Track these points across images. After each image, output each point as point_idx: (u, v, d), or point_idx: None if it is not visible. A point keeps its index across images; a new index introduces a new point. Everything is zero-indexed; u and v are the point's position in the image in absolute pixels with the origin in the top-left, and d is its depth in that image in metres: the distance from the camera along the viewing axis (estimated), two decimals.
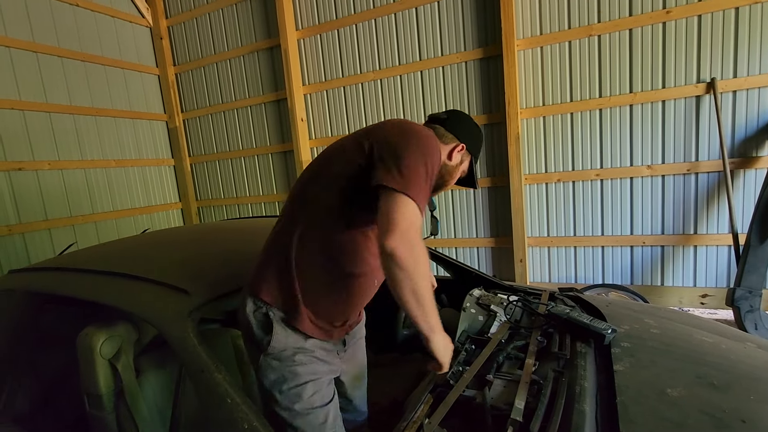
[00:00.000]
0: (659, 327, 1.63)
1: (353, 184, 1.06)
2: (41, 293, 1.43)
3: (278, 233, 1.16)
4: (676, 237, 3.62)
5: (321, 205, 1.10)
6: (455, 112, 1.34)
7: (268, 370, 1.10)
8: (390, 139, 1.05)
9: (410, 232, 0.93)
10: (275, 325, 1.09)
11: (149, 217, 5.43)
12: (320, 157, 1.20)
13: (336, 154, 1.14)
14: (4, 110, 4.05)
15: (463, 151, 1.31)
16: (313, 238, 1.09)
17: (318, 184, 1.12)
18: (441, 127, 1.28)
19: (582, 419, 1.09)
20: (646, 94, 3.53)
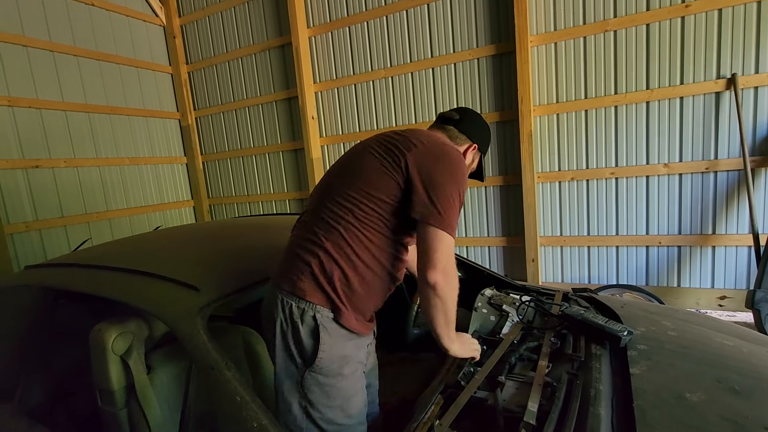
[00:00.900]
0: (677, 329, 1.59)
1: (393, 201, 1.12)
2: (56, 289, 1.45)
3: (317, 233, 1.12)
4: (693, 237, 3.54)
5: (364, 212, 1.11)
6: (467, 112, 1.37)
7: (313, 386, 1.08)
8: (428, 167, 1.10)
9: (448, 266, 1.08)
10: (322, 331, 1.07)
11: (162, 215, 5.50)
12: (353, 161, 1.19)
13: (371, 164, 1.14)
14: (21, 109, 4.13)
15: (475, 150, 1.36)
16: (358, 239, 1.11)
17: (358, 191, 1.12)
18: (454, 128, 1.33)
19: (597, 423, 1.06)
20: (664, 91, 3.45)
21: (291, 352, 1.09)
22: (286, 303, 1.08)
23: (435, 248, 1.07)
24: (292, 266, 1.12)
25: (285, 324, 1.08)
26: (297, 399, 1.09)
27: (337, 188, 1.16)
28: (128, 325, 1.33)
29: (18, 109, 4.10)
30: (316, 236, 1.11)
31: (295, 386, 1.09)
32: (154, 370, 1.38)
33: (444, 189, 1.09)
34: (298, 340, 1.08)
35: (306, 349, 1.08)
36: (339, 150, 4.96)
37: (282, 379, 1.10)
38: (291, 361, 1.09)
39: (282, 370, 1.10)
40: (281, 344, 1.09)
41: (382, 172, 1.12)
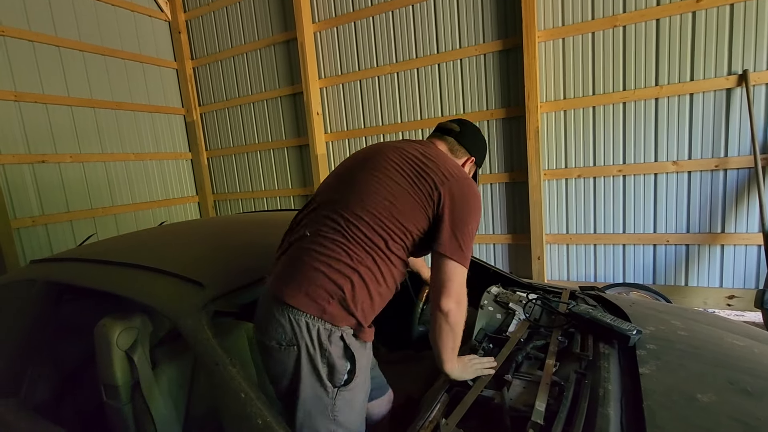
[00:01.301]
0: (687, 329, 1.56)
1: (420, 233, 1.16)
2: (61, 283, 1.44)
3: (350, 256, 1.07)
4: (702, 236, 3.49)
5: (395, 242, 1.12)
6: (466, 125, 1.40)
7: (342, 405, 1.08)
8: (459, 207, 1.14)
9: (461, 295, 1.16)
10: (354, 350, 1.09)
11: (167, 210, 5.51)
12: (382, 178, 1.14)
13: (405, 190, 1.13)
14: (28, 104, 4.14)
15: (472, 162, 1.40)
16: (386, 266, 1.13)
17: (393, 222, 1.11)
18: (454, 140, 1.35)
19: (606, 423, 1.04)
20: (673, 87, 3.40)
21: (320, 375, 1.05)
22: (312, 326, 1.03)
23: (452, 279, 1.13)
24: (319, 288, 1.05)
25: (312, 348, 1.04)
26: (326, 423, 1.06)
27: (366, 206, 1.11)
28: (133, 321, 1.33)
29: (24, 104, 4.12)
30: (350, 260, 1.07)
31: (324, 410, 1.06)
32: (158, 366, 1.37)
33: (467, 226, 1.15)
34: (330, 363, 1.05)
35: (339, 370, 1.06)
36: (344, 146, 4.94)
37: (308, 404, 1.05)
38: (320, 384, 1.05)
39: (309, 395, 1.04)
40: (309, 368, 1.04)
41: (415, 204, 1.13)
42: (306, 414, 1.05)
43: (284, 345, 1.03)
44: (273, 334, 1.05)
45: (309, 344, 1.03)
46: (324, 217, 1.13)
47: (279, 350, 1.04)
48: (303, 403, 1.04)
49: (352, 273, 1.06)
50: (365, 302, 1.09)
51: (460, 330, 1.20)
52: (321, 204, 1.18)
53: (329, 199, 1.17)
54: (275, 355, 1.05)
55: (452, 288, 1.13)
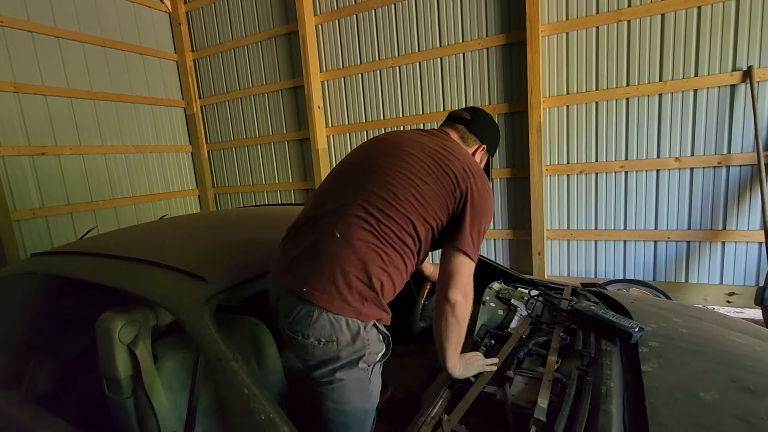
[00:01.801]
0: (689, 326, 1.56)
1: (439, 230, 1.19)
2: (62, 277, 1.44)
3: (386, 253, 1.10)
4: (703, 232, 3.49)
5: (420, 242, 1.16)
6: (478, 113, 1.38)
7: (374, 378, 1.17)
8: (479, 205, 1.16)
9: (468, 288, 1.18)
10: (383, 335, 1.17)
11: (167, 204, 5.50)
12: (410, 173, 1.14)
13: (432, 188, 1.14)
14: (27, 95, 4.11)
15: (484, 151, 1.38)
16: (411, 263, 1.19)
17: (422, 223, 1.14)
18: (464, 128, 1.34)
19: (609, 421, 1.04)
20: (677, 83, 3.38)
21: (359, 360, 1.11)
22: (351, 323, 1.09)
23: (462, 272, 1.16)
24: (355, 292, 1.08)
25: (352, 341, 1.09)
26: (362, 402, 1.15)
27: (398, 207, 1.11)
28: (135, 314, 1.33)
29: (24, 95, 4.09)
30: (383, 262, 1.10)
31: (363, 390, 1.14)
32: (160, 360, 1.37)
33: (482, 223, 1.19)
34: (369, 349, 1.12)
35: (375, 352, 1.14)
36: (345, 140, 4.92)
37: (348, 387, 1.11)
38: (359, 368, 1.11)
39: (350, 379, 1.10)
40: (349, 358, 1.09)
41: (440, 201, 1.15)
42: (343, 397, 1.11)
43: (323, 341, 1.08)
44: (311, 333, 1.08)
45: (348, 338, 1.09)
46: (354, 217, 1.10)
47: (317, 346, 1.08)
48: (342, 387, 1.10)
49: (383, 274, 1.11)
50: (391, 295, 1.18)
51: (464, 324, 1.22)
52: (347, 202, 1.13)
53: (356, 195, 1.13)
54: (312, 350, 1.09)
55: (461, 281, 1.16)
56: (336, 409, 1.12)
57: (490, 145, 1.38)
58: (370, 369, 1.14)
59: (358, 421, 1.15)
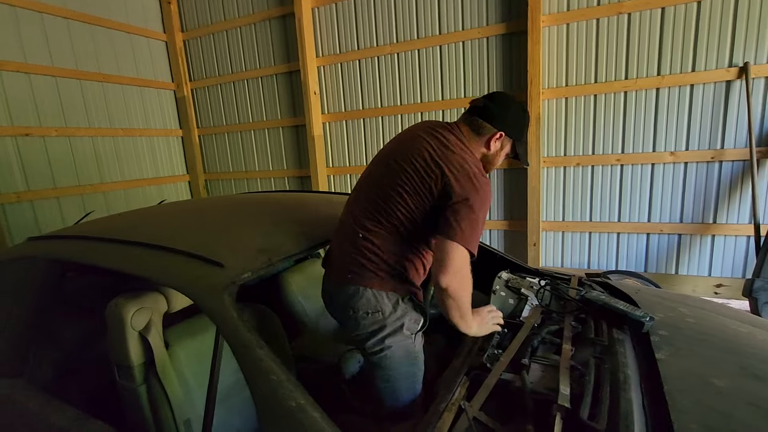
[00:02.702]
0: (694, 316, 1.60)
1: (426, 215, 1.29)
2: (68, 261, 1.39)
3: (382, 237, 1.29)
4: (694, 226, 3.57)
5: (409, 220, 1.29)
6: (494, 98, 1.36)
7: (417, 344, 1.35)
8: (464, 198, 1.21)
9: (461, 272, 1.23)
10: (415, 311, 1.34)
11: (157, 189, 5.37)
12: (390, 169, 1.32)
13: (409, 174, 1.28)
14: (9, 72, 3.93)
15: (501, 138, 1.35)
16: (408, 242, 1.32)
17: (402, 204, 1.28)
18: (479, 118, 1.34)
19: (630, 407, 1.06)
20: (675, 78, 3.42)
21: (402, 327, 1.30)
22: (390, 296, 1.30)
23: (450, 258, 1.22)
24: (390, 274, 1.30)
25: (393, 310, 1.30)
26: (409, 366, 1.32)
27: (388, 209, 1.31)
28: (146, 300, 1.29)
29: (6, 73, 3.90)
30: (400, 248, 1.32)
31: (409, 355, 1.32)
32: (171, 347, 1.35)
33: (467, 213, 1.24)
34: (411, 318, 1.32)
35: (416, 322, 1.33)
36: (341, 127, 4.86)
37: (396, 353, 1.29)
38: (403, 335, 1.30)
39: (397, 345, 1.29)
40: (393, 325, 1.29)
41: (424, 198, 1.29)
42: (393, 362, 1.29)
43: (371, 312, 1.28)
44: (359, 307, 1.29)
45: (390, 308, 1.29)
46: (368, 220, 1.32)
47: (367, 317, 1.29)
48: (392, 354, 1.28)
49: (404, 259, 1.32)
50: (416, 275, 1.37)
51: (465, 299, 1.28)
52: (361, 211, 1.35)
53: (364, 205, 1.34)
54: (363, 322, 1.29)
55: (450, 266, 1.20)
56: (388, 375, 1.30)
57: (509, 131, 1.35)
58: (414, 337, 1.33)
59: (408, 384, 1.32)
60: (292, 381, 0.94)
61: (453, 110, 4.25)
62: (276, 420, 0.89)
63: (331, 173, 5.00)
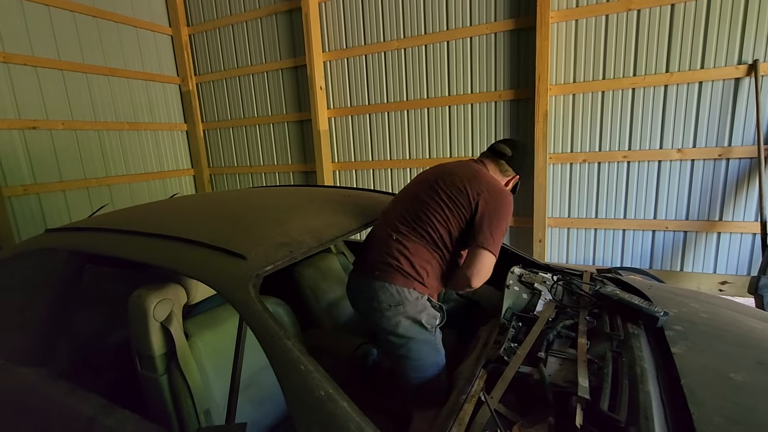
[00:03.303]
0: (707, 312, 1.61)
1: (461, 229, 1.49)
2: (89, 253, 1.40)
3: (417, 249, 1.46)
4: (700, 223, 3.58)
5: (438, 235, 1.48)
6: (517, 149, 1.65)
7: (438, 337, 1.48)
8: (495, 209, 1.45)
9: (485, 273, 1.41)
10: (433, 308, 1.48)
11: (162, 183, 5.37)
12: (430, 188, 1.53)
13: (448, 189, 1.50)
14: (17, 66, 3.93)
15: (517, 179, 1.67)
16: (440, 255, 1.50)
17: (439, 214, 1.48)
18: (505, 163, 1.63)
19: (648, 399, 1.08)
20: (683, 75, 3.41)
21: (421, 321, 1.42)
22: (410, 292, 1.43)
23: (482, 262, 1.42)
24: (409, 274, 1.44)
25: (413, 305, 1.42)
26: (433, 353, 1.44)
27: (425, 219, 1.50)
28: (168, 292, 1.30)
29: (13, 66, 3.90)
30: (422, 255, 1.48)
31: (431, 344, 1.44)
32: (191, 338, 1.36)
33: (501, 223, 1.48)
34: (430, 313, 1.45)
35: (434, 317, 1.47)
36: (347, 123, 4.85)
37: (417, 342, 1.41)
38: (422, 327, 1.42)
39: (418, 337, 1.41)
40: (418, 318, 1.42)
41: (459, 214, 1.51)
42: (416, 353, 1.41)
43: (393, 305, 1.41)
44: (383, 299, 1.42)
45: (411, 301, 1.42)
46: (404, 226, 1.50)
47: (390, 309, 1.41)
48: (415, 345, 1.41)
49: (426, 264, 1.46)
50: (434, 280, 1.50)
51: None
52: (398, 218, 1.54)
53: (402, 213, 1.53)
54: (386, 313, 1.42)
55: (481, 271, 1.40)
56: (413, 365, 1.41)
57: (523, 174, 1.68)
58: (434, 330, 1.45)
59: (432, 373, 1.42)
60: (320, 371, 0.95)
61: (459, 106, 4.25)
62: (306, 409, 0.90)
63: (336, 168, 5.00)
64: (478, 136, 4.23)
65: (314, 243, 1.39)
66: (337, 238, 1.49)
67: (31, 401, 1.26)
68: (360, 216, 1.71)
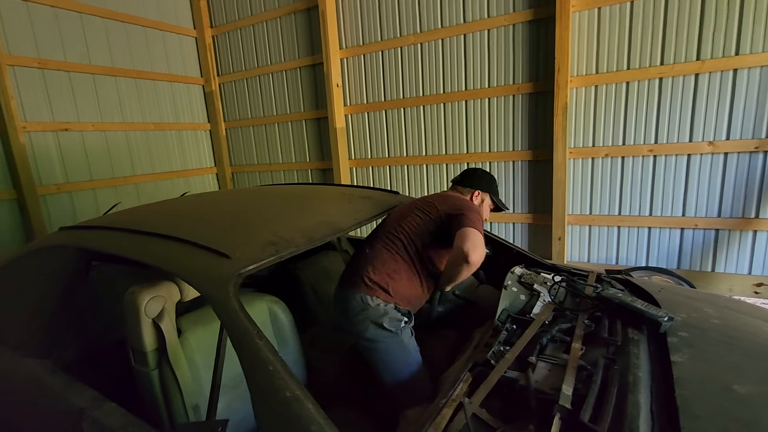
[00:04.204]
0: (720, 317, 1.51)
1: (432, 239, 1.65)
2: (92, 251, 1.46)
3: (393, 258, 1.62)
4: (733, 221, 3.35)
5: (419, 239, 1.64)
6: (466, 172, 1.92)
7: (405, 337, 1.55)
8: (462, 211, 1.61)
9: (478, 242, 1.47)
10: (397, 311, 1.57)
11: (186, 181, 5.56)
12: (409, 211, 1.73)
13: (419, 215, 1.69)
14: (51, 71, 4.15)
15: (480, 194, 1.86)
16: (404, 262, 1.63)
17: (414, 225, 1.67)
18: (460, 185, 1.89)
19: (637, 410, 1.02)
20: (716, 62, 3.19)
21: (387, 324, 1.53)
22: (375, 298, 1.55)
23: (470, 234, 1.50)
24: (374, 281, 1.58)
25: (377, 308, 1.54)
26: (402, 353, 1.54)
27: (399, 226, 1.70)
28: (160, 289, 1.34)
29: (48, 71, 4.13)
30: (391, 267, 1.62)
31: (399, 345, 1.53)
32: (184, 334, 1.40)
33: (470, 216, 1.59)
34: (392, 316, 1.55)
35: (398, 320, 1.56)
36: (363, 119, 4.85)
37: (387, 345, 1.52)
38: (391, 332, 1.52)
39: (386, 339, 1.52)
40: (379, 322, 1.52)
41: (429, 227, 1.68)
42: (383, 354, 1.52)
43: (359, 311, 1.54)
44: (352, 307, 1.55)
45: (373, 306, 1.54)
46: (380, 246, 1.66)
47: (356, 315, 1.54)
48: (382, 345, 1.51)
49: (390, 277, 1.58)
50: (400, 290, 1.60)
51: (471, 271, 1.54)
52: (376, 239, 1.71)
53: (381, 235, 1.71)
54: (354, 320, 1.55)
55: (473, 238, 1.47)
56: (385, 367, 1.52)
57: (482, 187, 1.85)
58: (399, 331, 1.53)
59: (407, 373, 1.51)
60: (288, 372, 0.96)
61: (476, 101, 4.16)
62: (270, 410, 0.91)
63: (353, 165, 5.01)
64: (496, 131, 4.12)
65: (303, 242, 1.40)
66: (328, 237, 1.49)
67: (32, 392, 1.33)
68: (355, 215, 1.70)
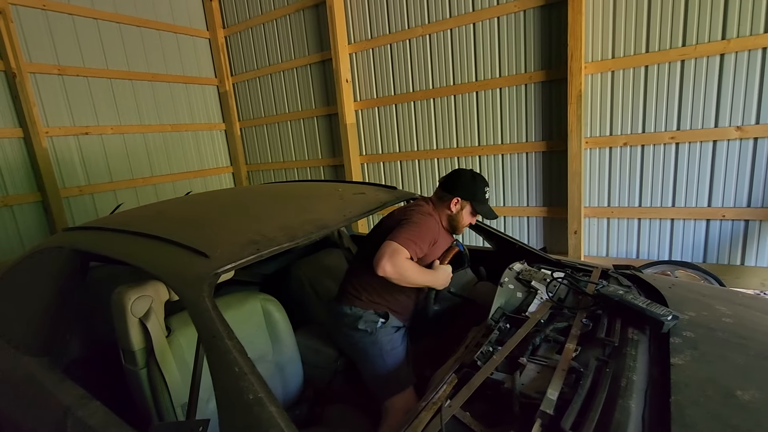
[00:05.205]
0: (734, 315, 1.40)
1: None
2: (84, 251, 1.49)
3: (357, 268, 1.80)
4: (764, 210, 3.14)
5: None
6: (449, 175, 1.84)
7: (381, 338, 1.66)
8: (408, 222, 1.66)
9: (392, 259, 1.50)
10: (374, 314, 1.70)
11: (203, 181, 5.68)
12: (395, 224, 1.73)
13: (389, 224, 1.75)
14: (70, 77, 4.30)
15: (459, 202, 1.77)
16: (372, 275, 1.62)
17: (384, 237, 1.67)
18: (440, 189, 1.82)
19: (625, 418, 0.95)
20: (743, 41, 2.98)
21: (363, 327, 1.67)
22: (353, 308, 1.72)
23: (384, 250, 1.54)
24: (353, 293, 1.75)
25: (355, 315, 1.70)
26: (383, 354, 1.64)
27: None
28: (147, 289, 1.35)
29: (67, 77, 4.28)
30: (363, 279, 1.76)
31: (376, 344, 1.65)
32: (173, 333, 1.41)
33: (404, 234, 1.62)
34: (367, 319, 1.69)
35: (374, 322, 1.70)
36: (373, 115, 4.81)
37: (365, 345, 1.66)
38: (368, 333, 1.66)
39: (363, 340, 1.66)
40: (356, 325, 1.68)
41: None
42: (360, 354, 1.66)
43: (341, 318, 1.72)
44: (338, 317, 1.73)
45: (351, 314, 1.69)
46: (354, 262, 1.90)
47: (342, 323, 1.72)
48: (361, 345, 1.65)
49: (363, 290, 1.72)
50: (377, 298, 1.72)
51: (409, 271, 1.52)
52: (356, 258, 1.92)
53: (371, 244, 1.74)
54: (340, 326, 1.73)
55: (382, 256, 1.50)
56: (365, 366, 1.64)
57: (463, 194, 1.76)
58: (375, 332, 1.65)
59: (388, 368, 1.61)
60: (255, 374, 0.94)
61: (487, 91, 4.04)
62: (232, 412, 0.89)
63: (364, 161, 4.99)
64: (508, 122, 4.00)
65: (285, 240, 1.38)
66: (312, 235, 1.47)
67: (28, 389, 1.37)
68: (344, 211, 1.67)
